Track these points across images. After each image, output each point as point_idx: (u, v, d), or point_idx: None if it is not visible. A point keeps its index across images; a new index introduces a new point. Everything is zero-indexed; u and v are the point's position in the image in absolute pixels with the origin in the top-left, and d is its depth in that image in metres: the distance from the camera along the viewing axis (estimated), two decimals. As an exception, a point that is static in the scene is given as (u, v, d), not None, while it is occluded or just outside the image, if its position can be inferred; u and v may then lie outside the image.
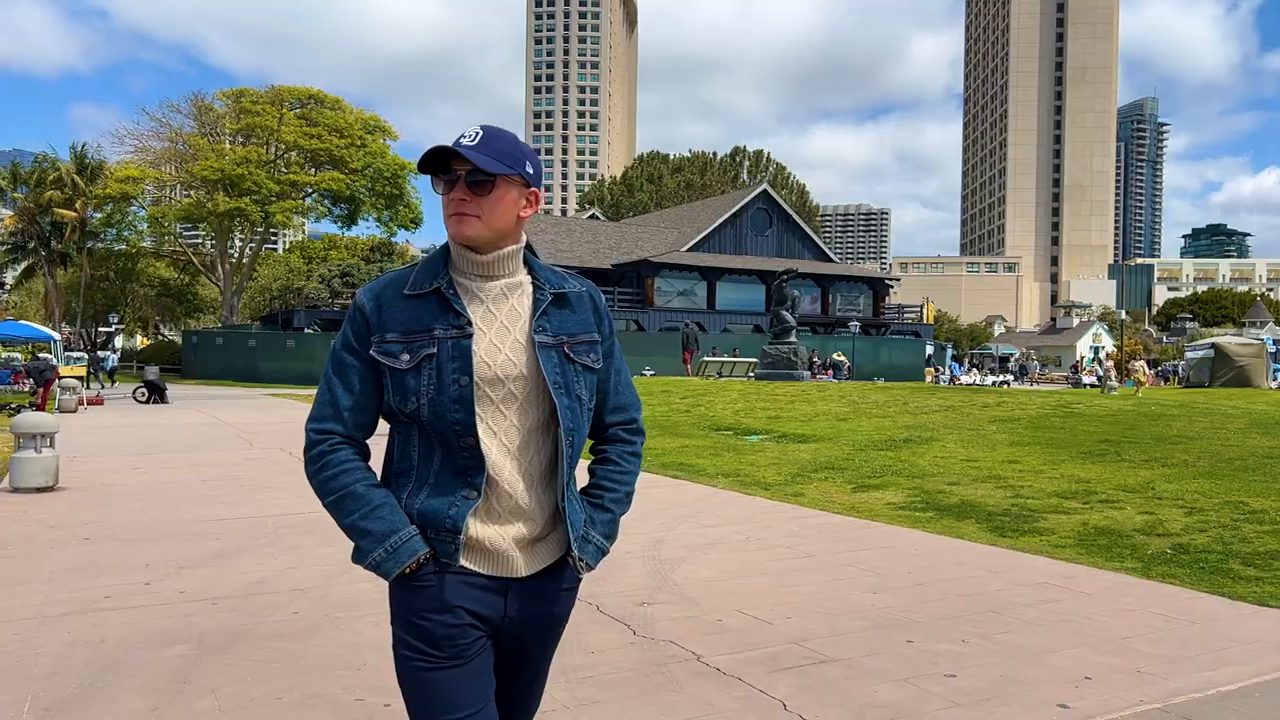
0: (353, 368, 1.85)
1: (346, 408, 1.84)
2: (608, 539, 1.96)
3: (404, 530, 1.78)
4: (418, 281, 1.86)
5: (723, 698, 3.73)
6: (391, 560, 1.77)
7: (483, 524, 1.81)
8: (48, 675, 3.97)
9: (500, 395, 1.82)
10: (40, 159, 52.01)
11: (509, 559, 1.83)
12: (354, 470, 1.82)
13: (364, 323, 1.84)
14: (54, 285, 53.13)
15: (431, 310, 1.83)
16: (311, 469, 1.85)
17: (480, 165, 1.78)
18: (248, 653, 4.30)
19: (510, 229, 1.86)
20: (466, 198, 1.81)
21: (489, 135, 1.84)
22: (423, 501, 1.81)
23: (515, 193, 1.86)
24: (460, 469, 1.81)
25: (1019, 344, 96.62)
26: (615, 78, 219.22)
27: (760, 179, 77.17)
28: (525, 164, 1.87)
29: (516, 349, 1.84)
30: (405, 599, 1.81)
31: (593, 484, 2.01)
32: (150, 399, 25.43)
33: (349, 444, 1.85)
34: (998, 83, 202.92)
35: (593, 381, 1.94)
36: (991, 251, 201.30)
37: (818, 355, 36.46)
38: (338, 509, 1.82)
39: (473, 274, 1.87)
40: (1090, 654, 4.28)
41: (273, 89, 50.61)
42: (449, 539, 1.79)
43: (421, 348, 1.80)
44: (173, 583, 5.59)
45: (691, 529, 7.33)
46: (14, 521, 7.62)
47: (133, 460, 11.94)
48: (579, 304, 1.95)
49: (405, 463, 1.86)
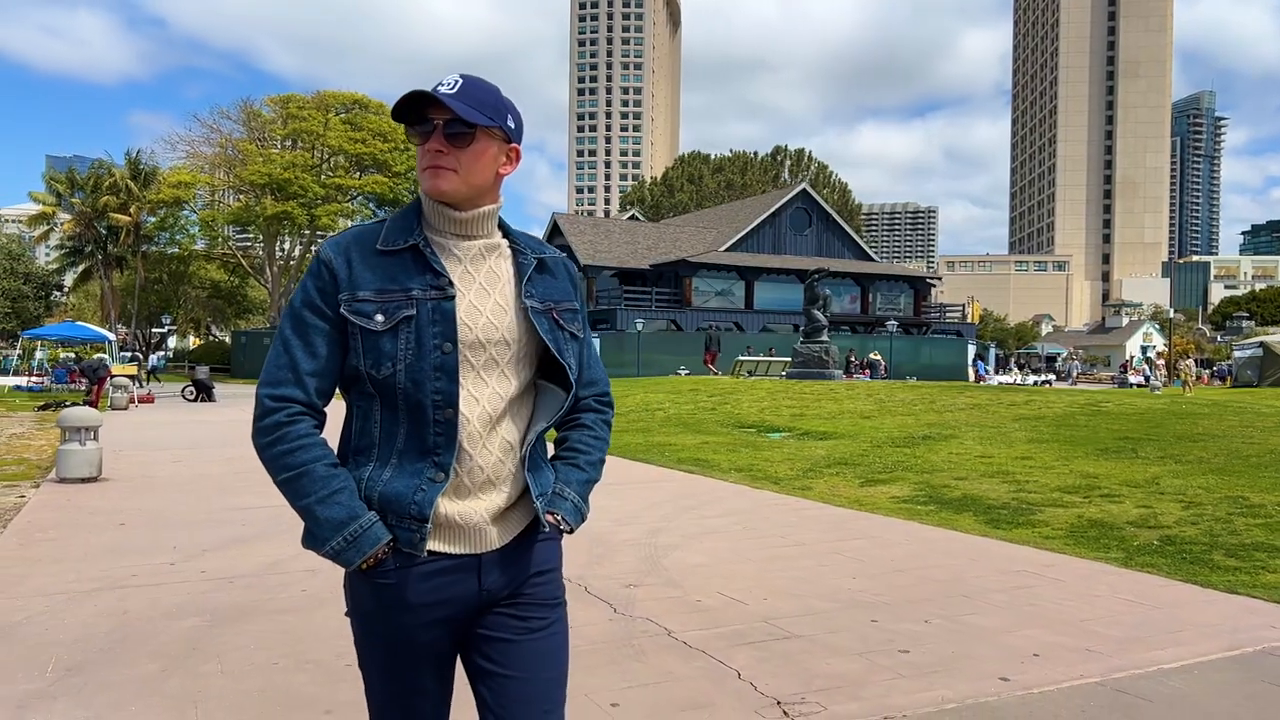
0: (316, 328, 1.69)
1: (308, 372, 1.69)
2: (584, 500, 1.86)
3: (364, 517, 1.65)
4: (390, 237, 1.73)
5: (682, 667, 3.99)
6: (352, 549, 1.64)
7: (451, 501, 1.70)
8: (72, 641, 4.35)
9: (481, 360, 1.72)
10: (97, 165, 53.73)
11: (482, 532, 1.73)
12: (313, 446, 1.68)
13: (331, 279, 1.70)
14: (110, 287, 54.81)
15: (407, 268, 1.70)
16: (263, 440, 1.69)
17: (460, 114, 1.66)
18: (255, 625, 4.65)
19: (489, 186, 1.77)
20: (444, 149, 1.70)
21: (469, 84, 1.72)
22: (385, 484, 1.68)
23: (495, 147, 1.75)
24: (427, 447, 1.68)
25: (1067, 343, 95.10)
26: (658, 78, 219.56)
27: (801, 178, 76.96)
28: (507, 116, 1.76)
29: (498, 312, 1.75)
30: (362, 594, 1.72)
31: (567, 447, 1.91)
32: (198, 397, 26.28)
33: (308, 414, 1.70)
34: (1047, 78, 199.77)
35: (578, 351, 1.86)
36: (1041, 250, 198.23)
37: (855, 355, 36.39)
38: (291, 488, 1.68)
39: (449, 232, 1.76)
40: (1045, 634, 4.47)
41: (318, 95, 51.78)
42: (413, 527, 1.67)
43: (399, 308, 1.67)
44: (195, 564, 5.98)
45: (692, 519, 7.58)
46: (58, 509, 8.11)
47: (174, 454, 12.48)
48: (558, 271, 1.88)
49: (364, 439, 1.73)
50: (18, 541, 6.69)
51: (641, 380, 27.81)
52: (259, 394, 1.70)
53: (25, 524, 7.36)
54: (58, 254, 58.08)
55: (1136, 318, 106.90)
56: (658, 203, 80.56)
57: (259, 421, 1.69)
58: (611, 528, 7.03)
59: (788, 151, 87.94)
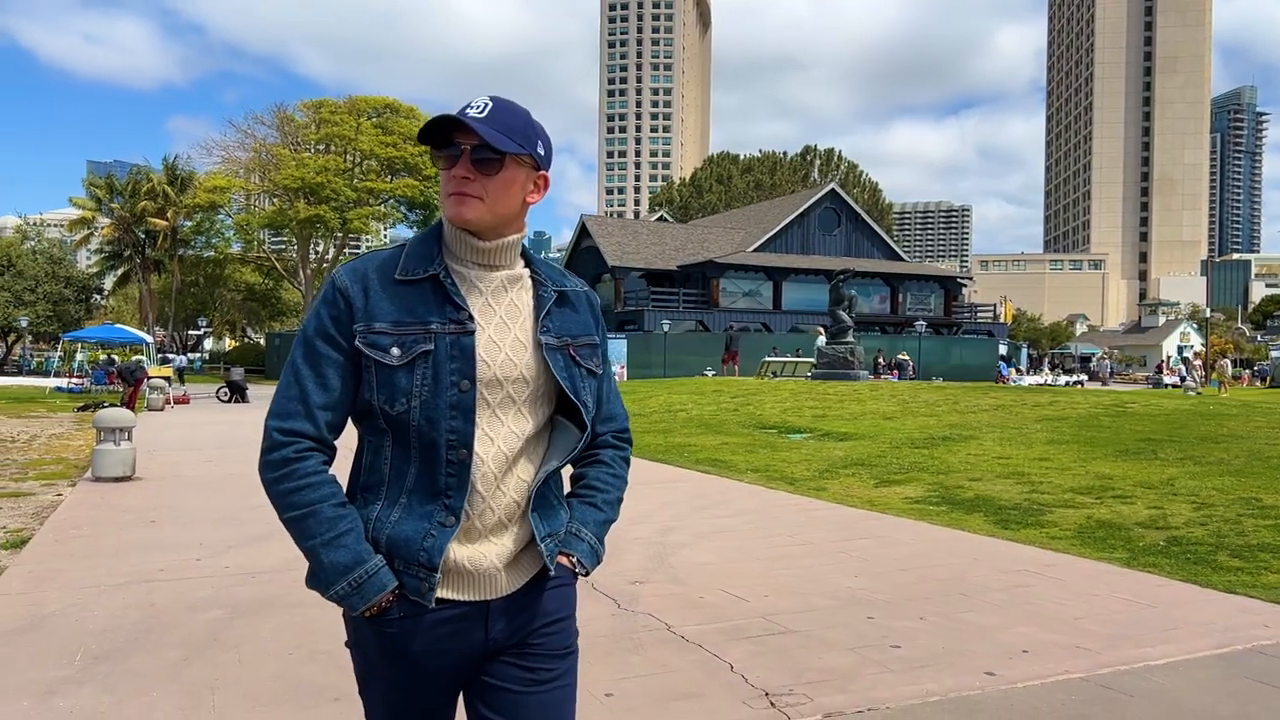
0: (328, 359, 1.63)
1: (319, 405, 1.63)
2: (601, 542, 1.79)
3: (370, 563, 1.59)
4: (409, 266, 1.66)
5: (678, 660, 4.13)
6: (356, 596, 1.59)
7: (461, 545, 1.64)
8: (100, 632, 4.58)
9: (498, 399, 1.65)
10: (135, 171, 54.90)
11: (491, 579, 1.66)
12: (320, 485, 1.61)
13: (346, 308, 1.63)
14: (147, 291, 55.91)
15: (426, 300, 1.64)
16: (270, 475, 1.62)
17: (488, 140, 1.60)
18: (273, 617, 4.86)
19: (515, 215, 1.70)
20: (470, 176, 1.63)
21: (499, 107, 1.65)
22: (393, 526, 1.62)
23: (524, 175, 1.68)
24: (438, 488, 1.62)
25: (1102, 343, 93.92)
26: (688, 79, 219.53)
27: (831, 178, 76.74)
28: (537, 143, 1.68)
29: (517, 348, 1.68)
30: (364, 637, 1.67)
31: (584, 485, 1.84)
32: (232, 398, 26.80)
33: (318, 449, 1.64)
34: (1083, 74, 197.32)
35: (595, 388, 1.79)
36: (1076, 248, 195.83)
37: (883, 355, 36.28)
38: (297, 528, 1.61)
39: (471, 262, 1.69)
40: (1038, 632, 4.56)
41: (350, 99, 52.44)
42: (421, 575, 1.60)
43: (415, 342, 1.61)
44: (220, 560, 6.21)
45: (704, 519, 7.72)
46: (92, 506, 8.41)
47: (205, 454, 12.81)
48: (579, 304, 1.80)
49: (374, 476, 1.67)
50: (53, 538, 6.97)
51: (666, 381, 27.95)
52: (267, 425, 1.64)
53: (61, 521, 7.65)
54: (97, 258, 59.32)
55: (1174, 317, 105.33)
56: (686, 203, 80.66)
57: (266, 455, 1.63)
58: (623, 526, 7.17)
59: (817, 151, 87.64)
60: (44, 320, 50.34)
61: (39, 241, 54.73)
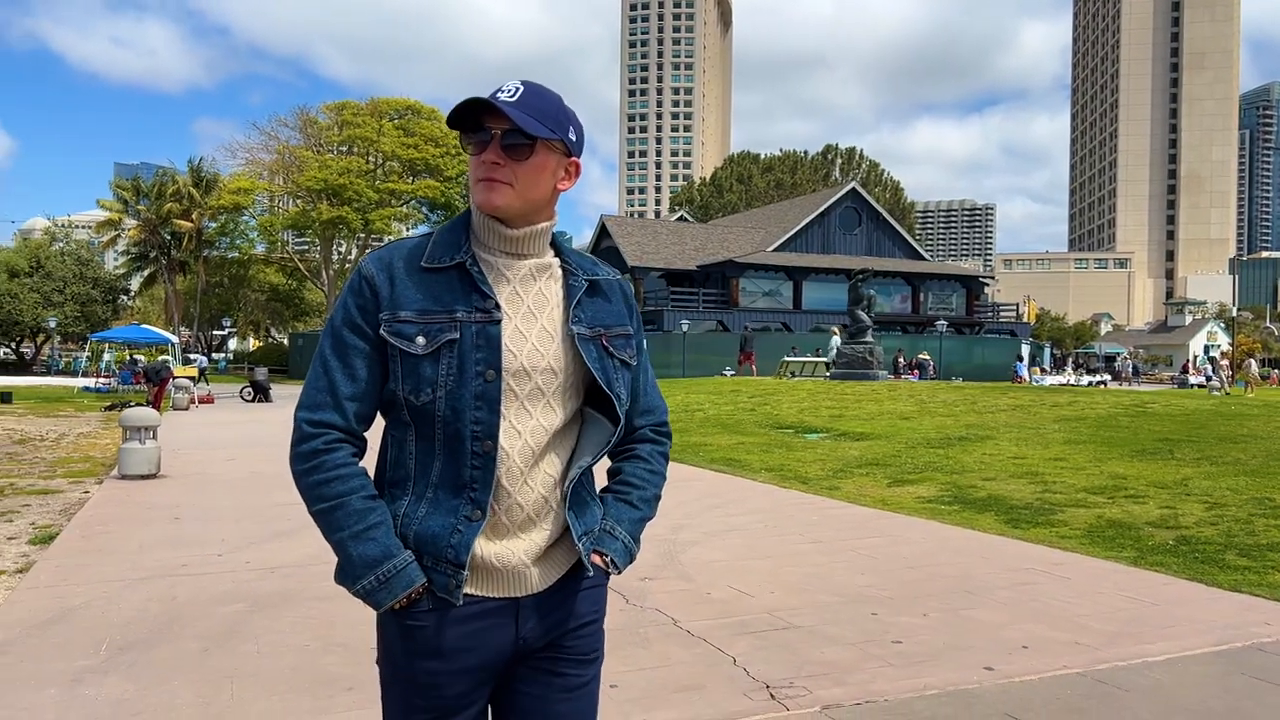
0: (356, 349, 1.61)
1: (347, 396, 1.61)
2: (635, 540, 1.76)
3: (399, 557, 1.57)
4: (436, 254, 1.64)
5: (682, 654, 4.23)
6: (384, 591, 1.56)
7: (489, 541, 1.61)
8: (124, 624, 4.73)
9: (526, 390, 1.62)
10: (160, 173, 55.72)
11: (520, 575, 1.63)
12: (351, 477, 1.60)
13: (372, 297, 1.61)
14: (173, 291, 56.62)
15: (453, 288, 1.61)
16: (299, 467, 1.61)
17: (520, 125, 1.56)
18: (291, 611, 4.99)
19: (545, 202, 1.67)
20: (500, 161, 1.60)
21: (530, 91, 1.61)
22: (420, 522, 1.60)
23: (555, 161, 1.65)
24: (463, 481, 1.59)
25: (1127, 343, 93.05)
26: (709, 78, 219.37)
27: (852, 176, 76.54)
28: (569, 129, 1.65)
29: (544, 338, 1.65)
30: (393, 637, 1.62)
31: (620, 480, 1.80)
32: (256, 398, 27.13)
33: (347, 440, 1.62)
34: (1108, 71, 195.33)
35: (629, 380, 1.74)
36: (1102, 247, 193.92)
37: (903, 355, 36.20)
38: (326, 520, 1.59)
39: (499, 250, 1.66)
40: (1039, 628, 4.62)
41: (372, 101, 52.94)
42: (449, 571, 1.58)
43: (441, 331, 1.58)
44: (241, 555, 6.37)
45: (716, 517, 7.81)
46: (118, 504, 8.61)
47: (228, 453, 13.03)
48: (612, 294, 1.76)
49: (399, 471, 1.65)
50: (80, 534, 7.16)
51: (684, 381, 28.03)
52: (297, 417, 1.63)
53: (88, 518, 7.85)
54: (124, 259, 60.20)
55: (1200, 316, 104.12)
56: (707, 203, 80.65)
57: (295, 447, 1.62)
58: (636, 524, 7.27)
59: (838, 150, 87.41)
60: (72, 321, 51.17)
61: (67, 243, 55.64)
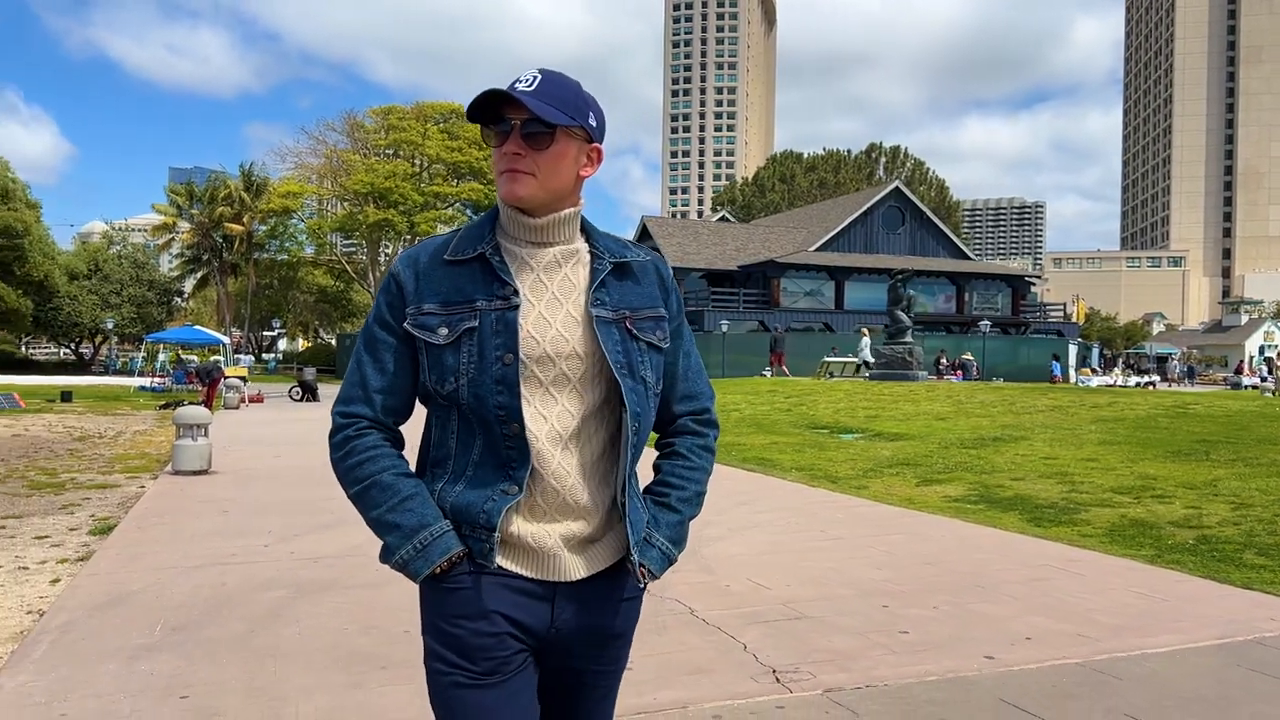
0: (385, 344, 1.67)
1: (376, 389, 1.66)
2: (674, 544, 1.75)
3: (436, 525, 1.60)
4: (460, 246, 1.67)
5: (697, 640, 4.45)
6: (420, 559, 1.59)
7: (525, 521, 1.64)
8: (177, 607, 5.06)
9: (551, 376, 1.63)
10: (213, 178, 57.17)
11: (556, 560, 1.64)
12: (381, 457, 1.65)
13: (399, 293, 1.66)
14: (225, 293, 58.01)
15: (474, 278, 1.64)
16: (335, 455, 1.68)
17: (538, 114, 1.57)
18: (332, 597, 5.29)
19: (569, 189, 1.68)
20: (521, 152, 1.61)
21: (548, 79, 1.63)
22: (458, 494, 1.63)
23: (576, 148, 1.66)
24: (502, 460, 1.62)
25: (1180, 343, 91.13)
26: (753, 77, 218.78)
27: (897, 175, 75.97)
28: (589, 114, 1.66)
29: (569, 324, 1.65)
30: (436, 603, 1.64)
31: (658, 481, 1.79)
32: (304, 397, 27.79)
33: (377, 428, 1.67)
34: (1162, 65, 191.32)
35: (659, 363, 1.73)
36: (1155, 245, 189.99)
37: (946, 355, 35.96)
38: (363, 500, 1.64)
39: (523, 239, 1.68)
40: (1045, 621, 4.76)
41: (417, 105, 53.82)
42: (483, 536, 1.61)
43: (462, 321, 1.62)
44: (286, 546, 6.71)
45: (742, 514, 8.00)
46: (171, 497, 9.03)
47: (276, 450, 13.49)
48: (643, 275, 1.75)
49: (442, 450, 1.68)
50: (137, 525, 7.56)
51: (722, 381, 28.17)
52: (332, 411, 1.70)
53: (144, 510, 8.27)
54: (178, 262, 61.84)
55: (1257, 315, 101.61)
56: (749, 203, 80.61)
57: (331, 438, 1.69)
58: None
59: (883, 149, 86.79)
60: (129, 322, 52.70)
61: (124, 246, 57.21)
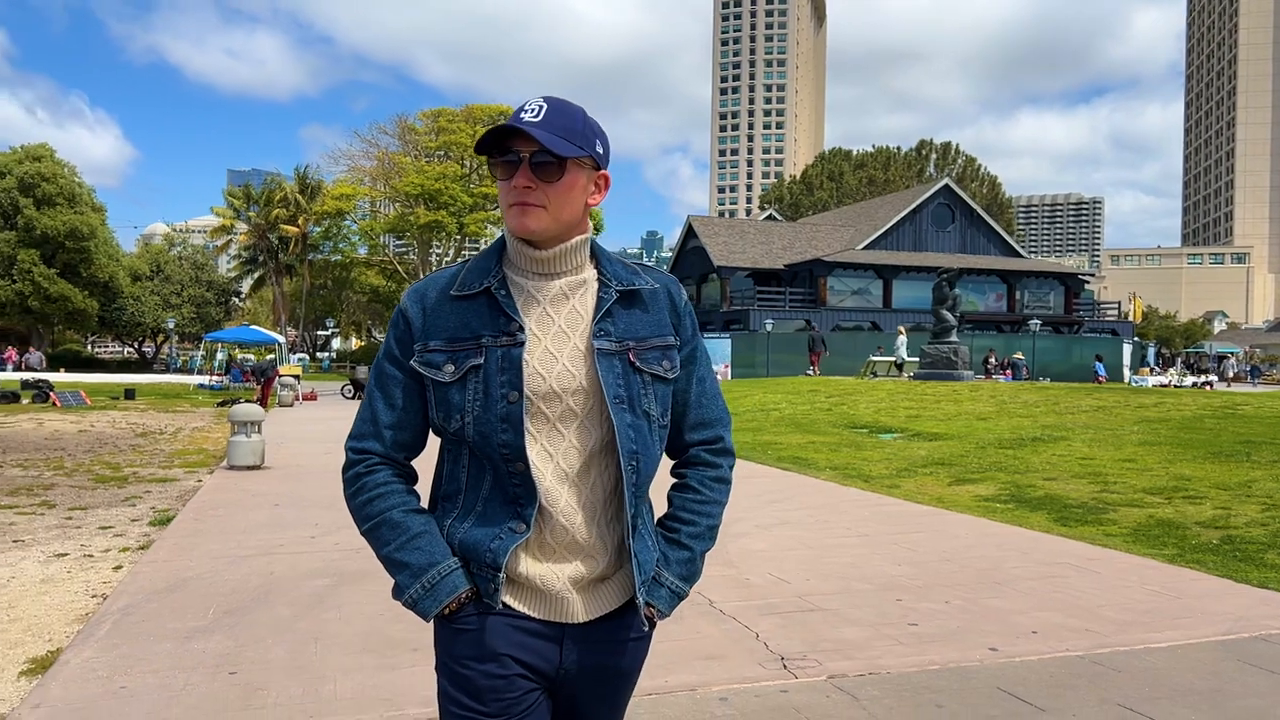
0: (394, 380, 1.66)
1: (386, 425, 1.66)
2: (685, 580, 1.72)
3: (444, 563, 1.59)
4: (466, 281, 1.66)
5: (711, 629, 4.67)
6: (429, 599, 1.58)
7: (534, 560, 1.62)
8: (229, 593, 5.42)
9: (557, 412, 1.60)
10: (269, 180, 58.61)
11: (564, 601, 1.62)
12: (391, 494, 1.64)
13: (407, 329, 1.66)
14: (280, 293, 59.40)
15: (480, 314, 1.62)
16: (347, 492, 1.68)
17: (547, 146, 1.55)
18: (371, 585, 5.61)
19: (578, 219, 1.65)
20: (531, 185, 1.58)
21: (554, 108, 1.60)
22: (466, 531, 1.61)
23: (585, 177, 1.64)
24: (510, 497, 1.60)
25: (1242, 342, 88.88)
26: (802, 75, 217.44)
27: (947, 172, 75.14)
28: (595, 143, 1.64)
29: (576, 357, 1.62)
30: (446, 642, 1.63)
31: (669, 515, 1.76)
32: (356, 395, 28.46)
33: (388, 464, 1.67)
34: (1225, 57, 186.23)
35: (666, 394, 1.70)
36: (1218, 241, 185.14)
37: (994, 355, 35.59)
38: (373, 538, 1.64)
39: (530, 271, 1.66)
40: (1053, 616, 4.89)
41: (466, 108, 54.63)
42: (489, 575, 1.59)
43: (467, 357, 1.60)
44: (331, 538, 7.06)
45: (771, 512, 8.18)
46: (227, 491, 9.48)
47: (326, 447, 13.95)
48: (653, 302, 1.71)
49: (453, 485, 1.67)
50: (193, 517, 7.99)
51: (766, 381, 28.27)
52: (345, 446, 1.71)
53: (200, 503, 8.71)
54: (236, 263, 63.42)
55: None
56: (796, 201, 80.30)
57: (343, 474, 1.69)
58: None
59: (933, 145, 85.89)
60: (188, 322, 54.23)
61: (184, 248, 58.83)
